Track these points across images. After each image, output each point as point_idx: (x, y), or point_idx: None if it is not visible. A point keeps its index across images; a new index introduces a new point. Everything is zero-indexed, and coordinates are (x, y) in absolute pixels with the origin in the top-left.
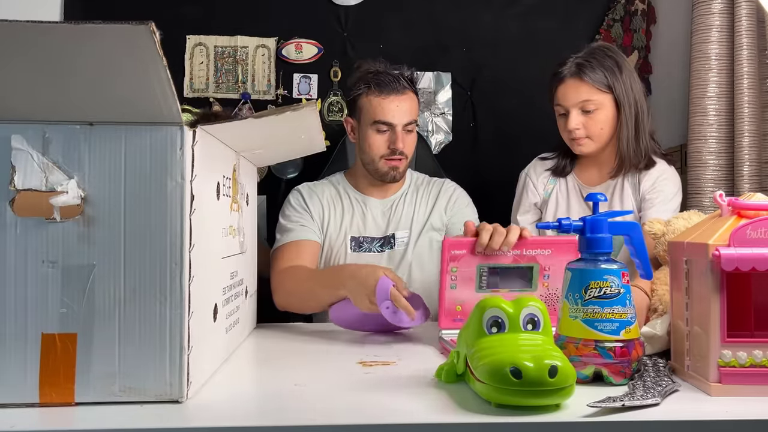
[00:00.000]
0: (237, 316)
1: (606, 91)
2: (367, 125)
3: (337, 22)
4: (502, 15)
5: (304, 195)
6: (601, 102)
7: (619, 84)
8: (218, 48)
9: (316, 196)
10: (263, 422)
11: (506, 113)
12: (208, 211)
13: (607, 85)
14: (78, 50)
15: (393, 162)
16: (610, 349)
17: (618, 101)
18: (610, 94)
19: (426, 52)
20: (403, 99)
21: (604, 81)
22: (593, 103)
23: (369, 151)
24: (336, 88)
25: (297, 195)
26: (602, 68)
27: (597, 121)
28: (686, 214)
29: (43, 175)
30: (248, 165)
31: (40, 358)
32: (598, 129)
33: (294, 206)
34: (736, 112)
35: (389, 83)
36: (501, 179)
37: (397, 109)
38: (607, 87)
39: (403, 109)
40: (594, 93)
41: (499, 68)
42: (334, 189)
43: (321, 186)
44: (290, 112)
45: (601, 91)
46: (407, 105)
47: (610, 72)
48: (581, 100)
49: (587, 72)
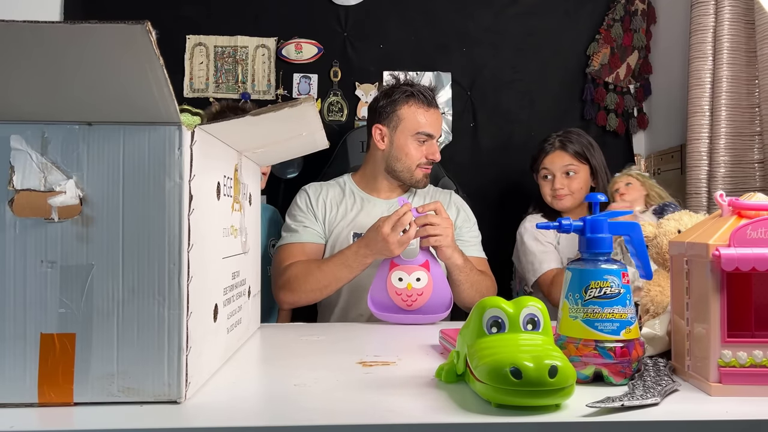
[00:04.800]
0: (239, 317)
1: (582, 162)
2: (408, 135)
3: (337, 22)
4: (502, 15)
5: (310, 195)
6: (579, 168)
7: (593, 157)
8: (218, 48)
9: (321, 196)
10: (263, 422)
11: (506, 113)
12: (207, 211)
13: (584, 157)
14: (75, 50)
15: (427, 170)
16: (610, 349)
17: (594, 169)
18: (587, 164)
19: (426, 52)
20: (438, 113)
21: (582, 153)
22: (574, 168)
23: (406, 159)
24: (336, 88)
25: (304, 195)
26: (580, 144)
27: (576, 182)
28: (677, 214)
29: (41, 175)
30: (251, 165)
31: (39, 358)
32: (577, 187)
33: (300, 206)
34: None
35: (430, 97)
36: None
37: (436, 121)
38: (584, 158)
39: (439, 123)
40: (575, 161)
41: (499, 68)
42: (339, 189)
43: (327, 186)
44: (288, 108)
45: (579, 161)
46: (440, 119)
47: (586, 148)
48: (565, 164)
49: (569, 146)
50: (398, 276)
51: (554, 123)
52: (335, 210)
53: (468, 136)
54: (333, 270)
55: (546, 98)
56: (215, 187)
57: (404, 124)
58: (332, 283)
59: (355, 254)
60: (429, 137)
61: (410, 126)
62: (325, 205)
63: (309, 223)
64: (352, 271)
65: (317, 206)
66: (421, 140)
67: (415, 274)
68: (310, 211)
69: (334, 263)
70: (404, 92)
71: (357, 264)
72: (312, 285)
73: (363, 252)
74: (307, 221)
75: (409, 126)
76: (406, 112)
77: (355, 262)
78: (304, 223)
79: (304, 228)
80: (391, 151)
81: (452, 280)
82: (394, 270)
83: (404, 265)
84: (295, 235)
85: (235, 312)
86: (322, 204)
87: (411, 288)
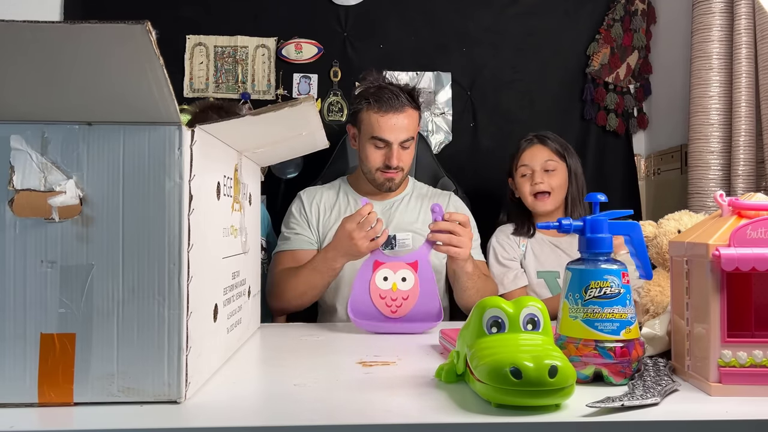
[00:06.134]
0: (239, 316)
1: (561, 159)
2: (366, 139)
3: (337, 22)
4: (502, 15)
5: (303, 201)
6: (558, 165)
7: (570, 158)
8: (218, 48)
9: (315, 200)
10: (262, 422)
11: (506, 113)
12: (207, 211)
13: (561, 154)
14: (75, 50)
15: (389, 174)
16: (610, 349)
17: (570, 168)
18: (564, 162)
19: (426, 52)
20: (401, 116)
21: (560, 151)
22: (553, 163)
23: (366, 163)
24: (336, 88)
25: (297, 202)
26: (557, 142)
27: (556, 178)
28: (677, 214)
29: (41, 175)
30: (251, 165)
31: (39, 358)
32: (557, 184)
33: (294, 213)
34: (734, 111)
35: (388, 100)
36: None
37: (393, 126)
38: (562, 156)
39: (400, 127)
40: (553, 156)
41: (499, 68)
42: (334, 192)
43: (322, 190)
44: (288, 108)
45: (558, 157)
46: (405, 122)
47: (562, 147)
48: (545, 159)
49: (547, 141)
50: (383, 275)
51: (554, 123)
52: (329, 213)
53: (468, 136)
54: (306, 277)
55: (546, 98)
56: (215, 187)
57: (363, 127)
58: (308, 290)
59: (323, 258)
60: (385, 142)
61: (367, 131)
62: (319, 209)
63: (300, 230)
64: (323, 276)
65: (311, 211)
66: (378, 145)
67: (401, 273)
68: (303, 218)
69: (306, 270)
70: (363, 96)
71: (326, 268)
72: (291, 293)
73: (331, 255)
74: (298, 228)
75: (366, 130)
76: (364, 116)
77: (324, 266)
78: (296, 230)
79: (296, 235)
80: (359, 152)
81: (459, 286)
82: (379, 269)
83: (390, 262)
84: (287, 242)
85: (235, 312)
86: (315, 208)
87: (396, 290)
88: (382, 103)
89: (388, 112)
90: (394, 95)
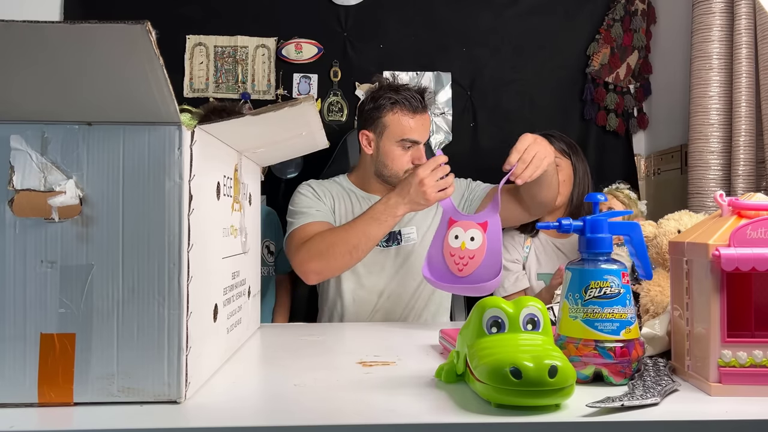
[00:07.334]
0: (239, 317)
1: (565, 157)
2: (392, 141)
3: (337, 22)
4: (502, 15)
5: (314, 187)
6: (562, 162)
7: (575, 155)
8: (218, 48)
9: (325, 189)
10: (262, 422)
11: (506, 113)
12: (207, 211)
13: (566, 152)
14: (75, 50)
15: None
16: (610, 349)
17: (574, 166)
18: (569, 160)
19: (426, 52)
20: (426, 116)
21: (564, 149)
22: (558, 160)
23: (392, 166)
24: (336, 88)
25: (307, 188)
26: (562, 141)
27: (560, 174)
28: (677, 214)
29: (41, 175)
30: (251, 165)
31: (38, 358)
32: (562, 179)
33: (306, 195)
34: (734, 111)
35: (414, 102)
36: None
37: (422, 127)
38: (566, 154)
39: (427, 126)
40: (558, 153)
41: (499, 68)
42: (340, 187)
43: (328, 183)
44: (288, 107)
45: (562, 156)
46: (428, 123)
47: (567, 145)
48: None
49: (552, 140)
50: (455, 233)
51: (554, 123)
52: (339, 203)
53: (468, 136)
54: (362, 227)
55: (546, 98)
56: (215, 187)
57: (389, 130)
58: (362, 241)
59: (385, 205)
60: (414, 143)
61: (395, 133)
62: (331, 195)
63: (318, 207)
64: (380, 225)
65: (324, 195)
66: (406, 146)
67: (471, 232)
68: (318, 199)
69: (362, 219)
70: (389, 99)
71: (386, 216)
72: (341, 248)
73: (394, 201)
74: (316, 205)
75: (394, 133)
76: (391, 119)
77: (385, 214)
78: (315, 207)
79: (316, 211)
80: (378, 156)
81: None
82: (453, 227)
83: (463, 221)
84: (303, 216)
85: (235, 312)
86: (327, 193)
87: (464, 248)
88: (411, 104)
89: (416, 113)
90: (417, 97)
